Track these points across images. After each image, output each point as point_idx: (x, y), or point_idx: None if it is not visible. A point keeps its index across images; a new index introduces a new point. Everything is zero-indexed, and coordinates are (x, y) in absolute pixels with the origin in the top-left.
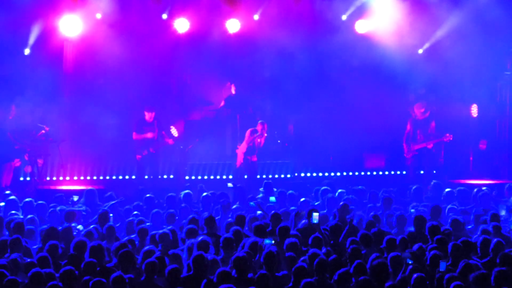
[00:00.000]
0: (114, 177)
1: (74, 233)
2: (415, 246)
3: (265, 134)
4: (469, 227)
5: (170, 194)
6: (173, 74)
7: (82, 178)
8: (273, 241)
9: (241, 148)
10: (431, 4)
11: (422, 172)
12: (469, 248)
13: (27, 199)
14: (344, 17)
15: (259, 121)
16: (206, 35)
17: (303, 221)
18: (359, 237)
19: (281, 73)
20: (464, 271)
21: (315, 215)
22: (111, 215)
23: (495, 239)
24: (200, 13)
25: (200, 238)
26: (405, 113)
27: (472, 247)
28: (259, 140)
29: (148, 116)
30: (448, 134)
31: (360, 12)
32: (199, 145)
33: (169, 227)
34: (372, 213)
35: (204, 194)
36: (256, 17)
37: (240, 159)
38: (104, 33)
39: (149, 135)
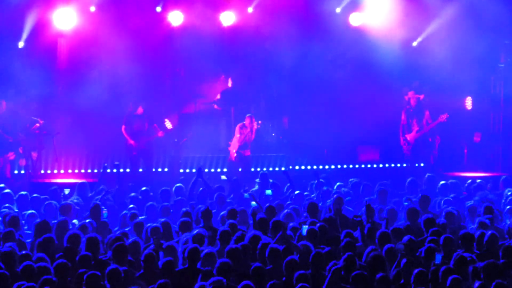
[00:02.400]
0: (108, 170)
1: (70, 227)
2: (405, 238)
3: (256, 127)
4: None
5: (164, 188)
6: (167, 67)
7: (76, 171)
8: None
9: (233, 145)
10: None
11: (422, 164)
12: (463, 240)
13: (21, 193)
14: (338, 10)
15: (247, 115)
16: (200, 28)
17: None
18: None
19: (275, 66)
20: (458, 263)
21: (305, 227)
22: (104, 211)
23: (490, 232)
24: (194, 6)
25: (196, 231)
26: (400, 105)
27: (467, 239)
28: (250, 134)
29: (139, 109)
30: (442, 115)
31: (354, 5)
32: (194, 138)
33: (162, 220)
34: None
35: (201, 188)
36: (250, 9)
37: (232, 155)
38: (98, 26)
39: (132, 142)
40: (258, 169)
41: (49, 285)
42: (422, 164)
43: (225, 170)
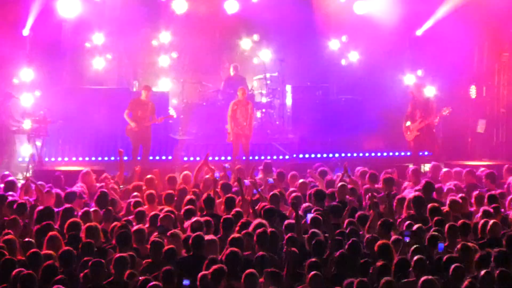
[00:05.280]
0: (112, 158)
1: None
2: (415, 227)
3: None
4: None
5: (169, 175)
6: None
7: (80, 159)
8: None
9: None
10: None
11: (426, 153)
12: (466, 229)
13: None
14: None
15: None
16: (205, 16)
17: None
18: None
19: (279, 54)
20: (462, 252)
21: (309, 216)
22: None
23: (492, 221)
24: None
25: (202, 219)
26: (404, 93)
27: (469, 228)
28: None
29: (144, 94)
30: (445, 108)
31: None
32: (198, 126)
33: (167, 209)
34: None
35: (206, 176)
36: None
37: (229, 135)
38: (101, 14)
39: (132, 124)
40: (262, 157)
41: (52, 272)
42: (426, 153)
43: (229, 158)
